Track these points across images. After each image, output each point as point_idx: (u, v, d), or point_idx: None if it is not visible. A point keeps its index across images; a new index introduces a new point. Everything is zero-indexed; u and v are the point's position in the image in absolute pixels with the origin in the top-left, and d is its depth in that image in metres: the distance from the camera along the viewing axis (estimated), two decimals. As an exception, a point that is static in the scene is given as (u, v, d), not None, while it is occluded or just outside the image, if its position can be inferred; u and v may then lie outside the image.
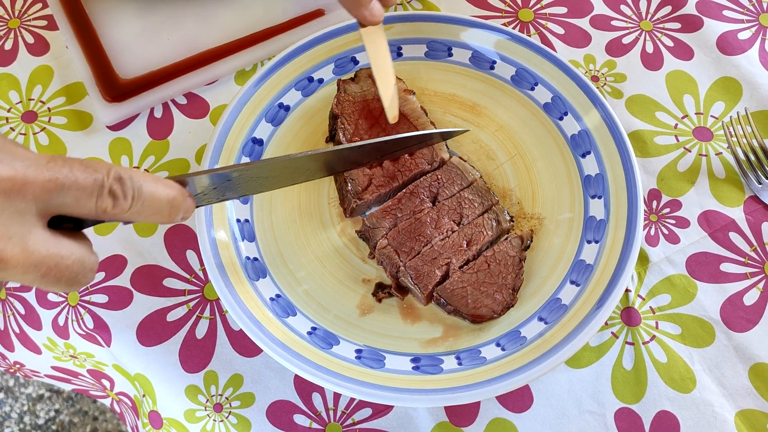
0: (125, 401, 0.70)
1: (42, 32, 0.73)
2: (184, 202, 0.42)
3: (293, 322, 0.56)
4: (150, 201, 0.39)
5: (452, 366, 0.54)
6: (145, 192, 0.39)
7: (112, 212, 0.38)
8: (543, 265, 0.59)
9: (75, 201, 0.36)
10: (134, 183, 0.38)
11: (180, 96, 0.69)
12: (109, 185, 0.37)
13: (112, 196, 0.37)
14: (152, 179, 0.40)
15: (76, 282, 0.38)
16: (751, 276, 0.59)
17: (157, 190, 0.40)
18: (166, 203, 0.40)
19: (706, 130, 0.66)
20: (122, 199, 0.38)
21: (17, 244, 0.35)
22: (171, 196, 0.41)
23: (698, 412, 0.54)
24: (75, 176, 0.36)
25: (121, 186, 0.38)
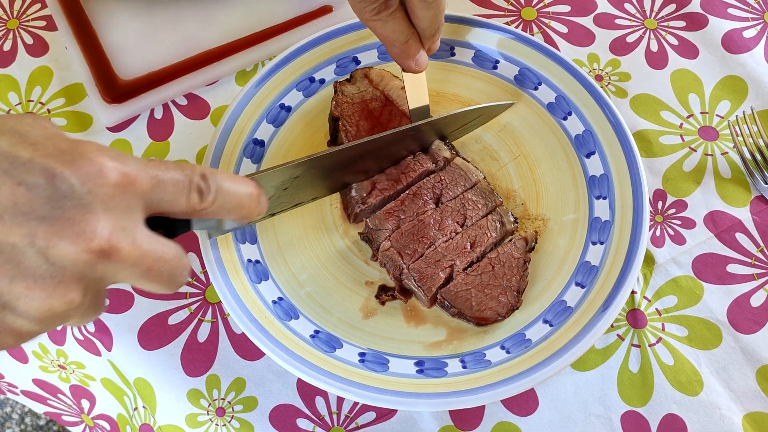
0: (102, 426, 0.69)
1: (41, 33, 0.73)
2: (260, 197, 0.45)
3: (296, 325, 0.56)
4: (230, 195, 0.42)
5: (457, 369, 0.54)
6: (225, 187, 0.42)
7: (201, 207, 0.41)
8: (548, 266, 0.58)
9: (172, 197, 0.39)
10: (216, 179, 0.41)
11: (180, 97, 0.68)
12: (197, 182, 0.40)
13: (198, 191, 0.40)
14: (230, 177, 0.43)
15: (175, 279, 0.39)
16: (758, 277, 0.59)
17: (236, 185, 0.43)
18: (245, 197, 0.43)
19: (712, 129, 0.66)
20: (207, 193, 0.41)
21: (128, 236, 0.36)
22: (249, 191, 0.44)
23: (705, 415, 0.54)
24: (171, 174, 0.39)
25: (206, 182, 0.41)
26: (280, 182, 0.52)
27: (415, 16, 0.54)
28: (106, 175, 0.35)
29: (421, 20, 0.54)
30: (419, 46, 0.57)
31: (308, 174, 0.54)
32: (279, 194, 0.53)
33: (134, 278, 0.38)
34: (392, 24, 0.54)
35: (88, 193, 0.35)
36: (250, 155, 0.62)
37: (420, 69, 0.58)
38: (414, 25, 0.55)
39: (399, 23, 0.54)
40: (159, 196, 0.38)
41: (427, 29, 0.55)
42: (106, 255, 0.35)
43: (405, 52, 0.56)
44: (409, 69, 0.58)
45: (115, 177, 0.36)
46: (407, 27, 0.55)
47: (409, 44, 0.56)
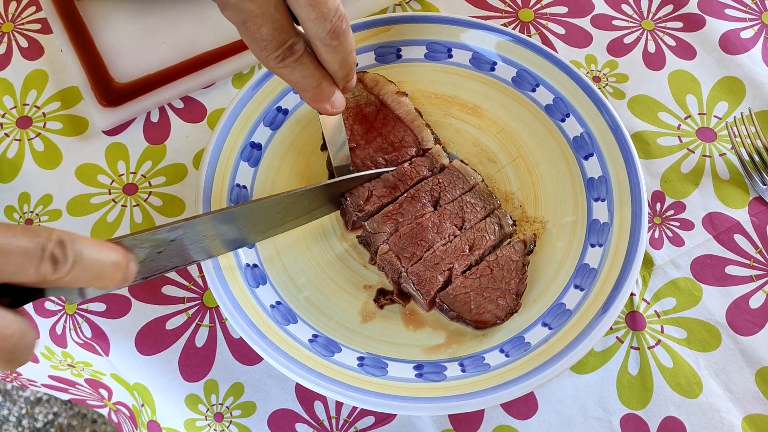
0: (123, 411, 0.69)
1: (36, 36, 0.72)
2: (127, 266, 0.40)
3: (294, 329, 0.55)
4: (91, 265, 0.37)
5: (456, 373, 0.53)
6: (86, 255, 0.37)
7: (53, 277, 0.36)
8: (546, 269, 0.58)
9: (16, 267, 0.35)
10: (75, 246, 0.37)
11: (177, 100, 0.68)
12: (51, 250, 0.35)
13: (52, 260, 0.36)
14: (94, 243, 0.38)
15: (14, 357, 0.36)
16: (756, 279, 0.59)
17: (100, 253, 0.38)
18: (108, 266, 0.39)
19: (710, 130, 0.66)
20: (62, 263, 0.36)
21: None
22: (114, 259, 0.39)
23: (705, 417, 0.54)
24: (18, 242, 0.35)
25: (62, 249, 0.36)
26: (153, 245, 0.46)
27: (323, 60, 0.50)
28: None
29: (330, 63, 0.50)
30: (333, 87, 0.53)
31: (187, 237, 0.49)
32: (152, 257, 0.47)
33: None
34: (300, 70, 0.50)
35: None
36: (247, 158, 0.62)
37: (336, 111, 0.54)
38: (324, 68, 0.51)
39: (307, 68, 0.50)
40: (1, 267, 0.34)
41: (338, 71, 0.51)
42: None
43: (318, 96, 0.52)
44: (325, 112, 0.54)
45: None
46: (317, 70, 0.51)
47: (321, 88, 0.52)
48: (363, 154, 0.61)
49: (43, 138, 0.66)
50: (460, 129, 0.64)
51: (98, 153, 0.66)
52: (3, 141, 0.66)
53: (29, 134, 0.67)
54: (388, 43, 0.67)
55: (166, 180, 0.64)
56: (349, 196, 0.59)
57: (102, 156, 0.65)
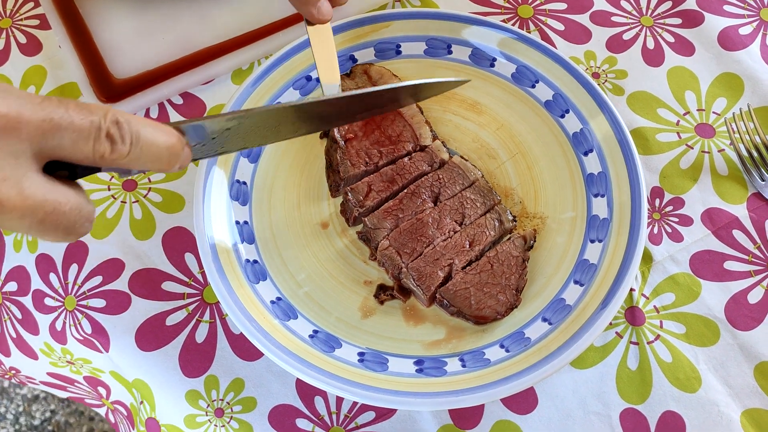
0: (120, 411, 0.69)
1: (34, 32, 0.72)
2: (182, 150, 0.41)
3: (294, 325, 0.55)
4: (148, 147, 0.38)
5: (456, 368, 0.54)
6: (143, 137, 0.37)
7: (110, 157, 0.36)
8: (546, 264, 0.58)
9: (71, 143, 0.35)
10: (132, 127, 0.37)
11: (176, 96, 0.68)
12: (107, 128, 0.36)
13: (109, 140, 0.36)
14: (151, 124, 0.38)
15: (74, 231, 0.36)
16: (755, 274, 0.59)
17: (156, 136, 0.38)
18: (165, 149, 0.39)
19: (709, 126, 0.66)
20: (120, 143, 0.36)
21: (13, 187, 0.33)
22: (170, 143, 0.39)
23: (704, 411, 0.54)
24: (71, 117, 0.35)
25: (119, 130, 0.36)
26: (208, 133, 0.46)
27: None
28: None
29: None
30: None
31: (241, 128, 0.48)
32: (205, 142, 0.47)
33: (25, 229, 0.35)
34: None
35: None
36: (247, 154, 0.62)
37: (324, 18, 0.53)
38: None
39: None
40: (55, 142, 0.34)
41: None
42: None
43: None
44: (311, 17, 0.53)
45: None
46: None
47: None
48: (359, 145, 0.61)
49: (42, 134, 0.66)
50: (460, 125, 0.64)
51: (97, 149, 0.65)
52: (2, 137, 0.66)
53: (28, 130, 0.66)
54: (388, 39, 0.67)
55: (166, 176, 0.64)
56: (349, 192, 0.59)
57: (101, 152, 0.65)
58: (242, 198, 0.60)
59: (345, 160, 0.60)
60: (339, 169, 0.60)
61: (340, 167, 0.60)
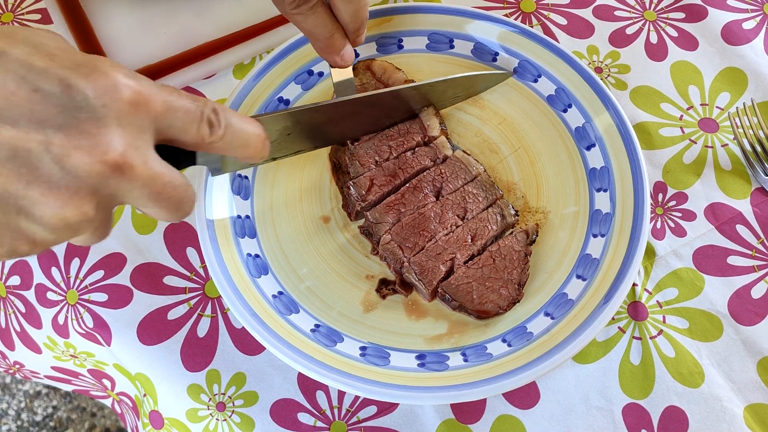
0: (126, 402, 0.69)
1: (36, 26, 0.72)
2: (266, 139, 0.45)
3: (296, 319, 0.55)
4: (239, 132, 0.42)
5: (458, 363, 0.53)
6: (234, 124, 0.42)
7: (210, 139, 0.40)
8: (549, 259, 0.58)
9: (182, 125, 0.39)
10: (226, 114, 0.41)
11: (178, 90, 0.68)
12: (207, 114, 0.40)
13: (209, 124, 0.40)
14: (239, 115, 0.43)
15: (182, 207, 0.40)
16: (758, 269, 0.59)
17: (244, 124, 0.43)
18: (253, 136, 0.43)
19: (712, 121, 0.66)
20: (217, 127, 0.40)
21: (141, 156, 0.36)
22: (256, 131, 0.44)
23: (707, 406, 0.54)
24: (183, 102, 0.39)
25: (216, 116, 0.40)
26: (282, 127, 0.53)
27: (337, 10, 0.54)
28: (121, 91, 0.35)
29: (343, 14, 0.54)
30: (345, 41, 0.56)
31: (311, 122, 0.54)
32: (281, 139, 0.54)
33: (144, 200, 0.38)
34: (314, 18, 0.54)
35: (103, 107, 0.35)
36: (248, 149, 0.62)
37: (346, 64, 0.58)
38: (337, 19, 0.55)
39: (321, 17, 0.54)
40: (170, 122, 0.38)
41: (350, 23, 0.55)
42: (119, 170, 0.35)
43: (329, 47, 0.56)
44: (335, 64, 0.57)
45: (129, 94, 0.35)
46: (330, 22, 0.54)
47: (333, 39, 0.55)
48: (367, 144, 0.61)
49: (43, 128, 0.66)
50: (462, 120, 0.64)
51: (99, 143, 0.65)
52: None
53: (30, 125, 0.66)
54: (390, 34, 0.67)
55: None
56: (352, 186, 0.59)
57: (103, 146, 0.65)
58: (244, 192, 0.60)
59: (354, 160, 0.60)
60: (349, 170, 0.60)
61: (349, 168, 0.60)
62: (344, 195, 0.60)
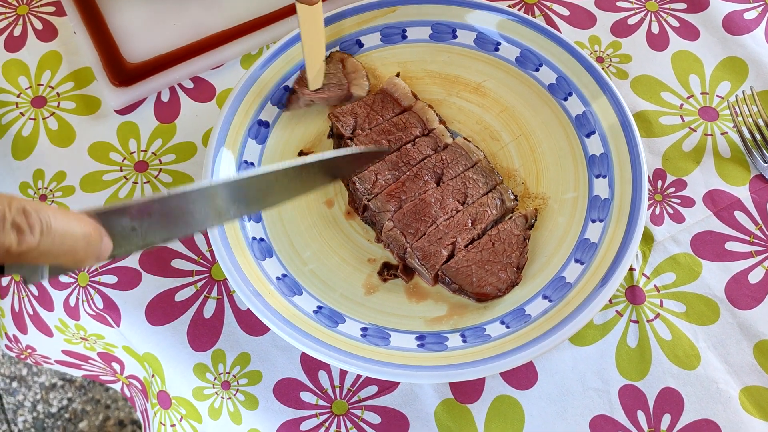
0: (135, 385, 0.71)
1: (50, 18, 0.74)
2: (101, 240, 0.37)
3: (299, 301, 0.57)
4: (62, 237, 0.34)
5: (457, 343, 0.54)
6: (55, 226, 0.33)
7: (17, 250, 0.32)
8: (547, 243, 0.59)
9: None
10: (42, 216, 0.33)
11: (187, 80, 0.70)
12: (12, 218, 0.32)
13: (15, 229, 0.32)
14: (62, 212, 0.34)
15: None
16: (756, 254, 0.59)
17: (70, 224, 0.34)
18: (81, 239, 0.35)
19: (712, 109, 0.66)
20: (29, 233, 0.32)
21: None
22: (86, 231, 0.35)
23: (702, 388, 0.55)
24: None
25: (27, 218, 0.32)
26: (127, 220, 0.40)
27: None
28: None
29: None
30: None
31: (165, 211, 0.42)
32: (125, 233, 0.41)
33: None
34: None
35: None
36: (254, 136, 0.63)
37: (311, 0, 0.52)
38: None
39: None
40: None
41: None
42: None
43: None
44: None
45: None
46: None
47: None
48: (367, 140, 0.62)
49: (57, 117, 0.68)
50: (464, 108, 0.65)
51: (110, 131, 0.67)
52: (19, 120, 0.68)
53: (44, 113, 0.68)
54: (394, 24, 0.68)
55: (176, 158, 0.66)
56: (357, 182, 0.60)
57: (114, 134, 0.67)
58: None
59: None
60: (356, 181, 0.61)
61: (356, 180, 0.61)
62: (350, 191, 0.61)
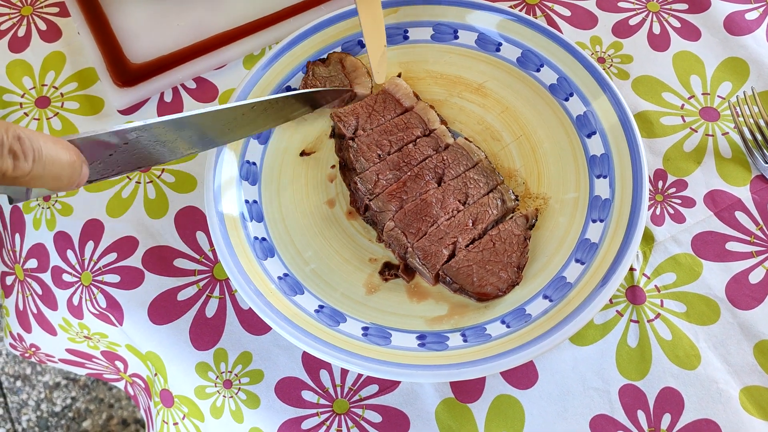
0: (138, 383, 0.71)
1: (54, 19, 0.74)
2: (81, 167, 0.39)
3: (301, 300, 0.57)
4: (51, 163, 0.36)
5: (457, 343, 0.55)
6: (45, 153, 0.35)
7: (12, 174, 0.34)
8: (548, 243, 0.59)
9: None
10: (34, 143, 0.35)
11: (189, 80, 0.70)
12: (9, 144, 0.34)
13: (12, 155, 0.34)
14: (52, 140, 0.36)
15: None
16: (756, 254, 0.59)
17: (58, 152, 0.36)
18: (67, 166, 0.37)
19: (713, 110, 0.66)
20: (23, 159, 0.34)
21: None
22: (71, 159, 0.37)
23: (702, 388, 0.55)
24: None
25: (21, 145, 0.34)
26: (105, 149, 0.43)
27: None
28: None
29: None
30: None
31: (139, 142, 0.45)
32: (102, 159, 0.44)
33: None
34: None
35: None
36: (256, 136, 0.64)
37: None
38: None
39: None
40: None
41: None
42: None
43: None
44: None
45: None
46: None
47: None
48: (369, 139, 0.62)
49: (61, 117, 0.69)
50: (465, 108, 0.66)
51: (113, 131, 0.68)
52: (22, 120, 0.68)
53: (47, 114, 0.69)
54: (396, 25, 0.68)
55: (179, 158, 0.66)
56: (359, 182, 0.60)
57: (117, 134, 0.67)
58: (252, 178, 0.62)
59: (359, 156, 0.61)
60: (355, 167, 0.61)
61: (355, 165, 0.61)
62: (352, 191, 0.62)
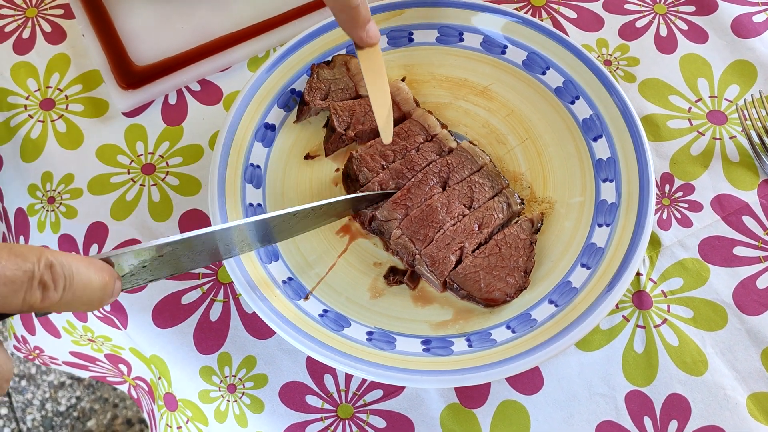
0: (142, 386, 0.71)
1: (59, 21, 0.74)
2: (114, 286, 0.37)
3: (305, 304, 0.57)
4: (82, 290, 0.34)
5: (462, 348, 0.54)
6: (77, 280, 0.34)
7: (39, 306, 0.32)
8: (554, 248, 0.59)
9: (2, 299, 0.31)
10: (65, 269, 0.33)
11: (194, 83, 0.70)
12: (40, 274, 0.32)
13: (42, 287, 0.32)
14: (84, 262, 0.34)
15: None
16: (764, 260, 0.59)
17: (90, 276, 0.35)
18: (98, 290, 0.35)
19: (720, 113, 0.66)
20: (52, 290, 0.32)
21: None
22: (104, 281, 0.36)
23: (710, 394, 0.54)
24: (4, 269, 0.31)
25: (53, 274, 0.32)
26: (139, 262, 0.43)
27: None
28: None
29: None
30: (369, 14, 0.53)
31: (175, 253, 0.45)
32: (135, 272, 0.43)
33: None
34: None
35: None
36: (261, 139, 0.63)
37: (372, 42, 0.54)
38: None
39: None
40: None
41: None
42: None
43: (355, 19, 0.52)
44: (359, 41, 0.54)
45: None
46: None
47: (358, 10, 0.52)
48: (372, 150, 0.62)
49: (65, 119, 0.68)
50: (470, 111, 0.65)
51: (118, 134, 0.68)
52: (27, 122, 0.68)
53: (52, 116, 0.69)
54: (401, 27, 0.68)
55: (183, 160, 0.66)
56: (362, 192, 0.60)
57: (121, 137, 0.67)
58: (256, 181, 0.62)
59: (362, 167, 0.61)
60: (359, 178, 0.61)
61: (359, 176, 0.61)
62: None
